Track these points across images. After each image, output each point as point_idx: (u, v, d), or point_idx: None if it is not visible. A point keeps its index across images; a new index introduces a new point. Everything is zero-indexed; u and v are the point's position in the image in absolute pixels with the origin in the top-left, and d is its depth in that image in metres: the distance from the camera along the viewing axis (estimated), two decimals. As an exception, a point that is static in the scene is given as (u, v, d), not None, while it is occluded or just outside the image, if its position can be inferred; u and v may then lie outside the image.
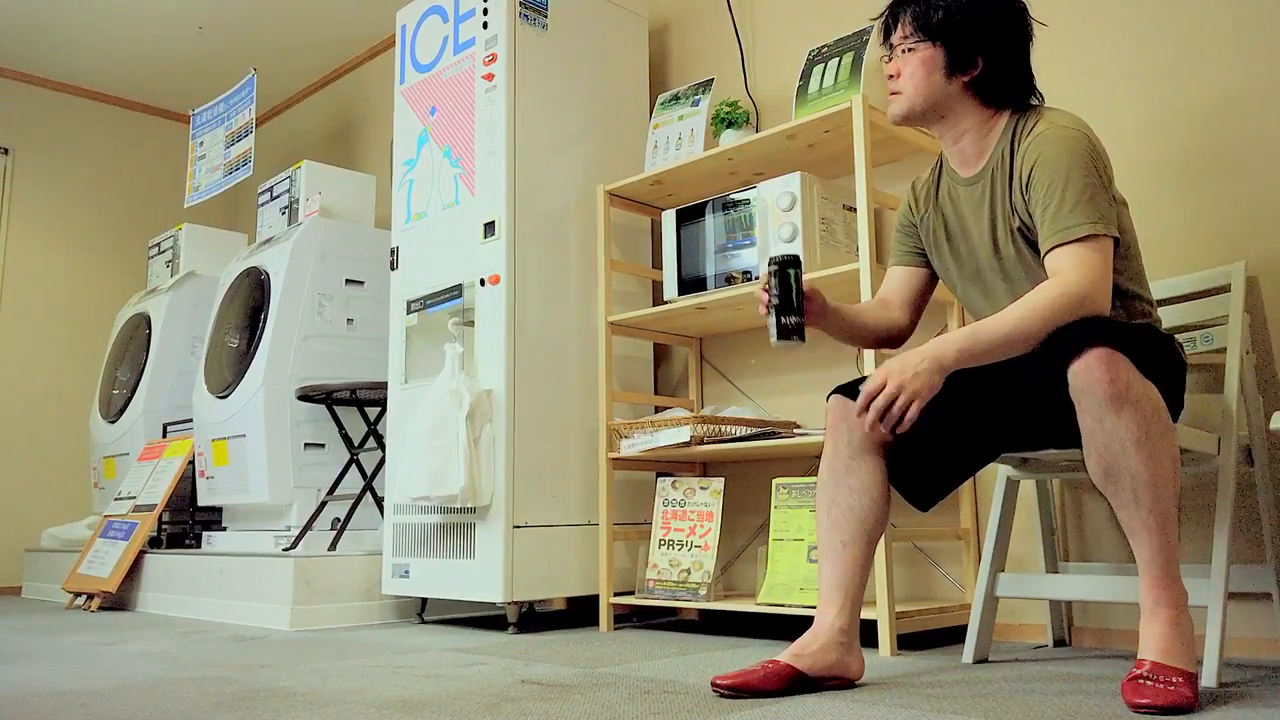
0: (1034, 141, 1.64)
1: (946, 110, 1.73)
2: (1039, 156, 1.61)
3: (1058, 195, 1.57)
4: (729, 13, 3.15)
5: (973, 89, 1.71)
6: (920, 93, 1.72)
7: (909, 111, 1.74)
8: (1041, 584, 2.07)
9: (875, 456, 1.73)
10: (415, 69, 3.15)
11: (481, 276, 2.78)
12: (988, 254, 1.74)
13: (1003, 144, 1.71)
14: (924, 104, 1.73)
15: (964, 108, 1.73)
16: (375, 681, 1.85)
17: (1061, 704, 1.50)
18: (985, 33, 1.70)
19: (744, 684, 1.59)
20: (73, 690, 1.80)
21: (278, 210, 3.98)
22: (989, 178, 1.72)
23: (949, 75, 1.71)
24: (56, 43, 4.79)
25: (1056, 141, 1.61)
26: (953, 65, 1.70)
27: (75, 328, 5.17)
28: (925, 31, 1.70)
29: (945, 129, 1.76)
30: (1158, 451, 1.43)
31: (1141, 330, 1.63)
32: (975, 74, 1.70)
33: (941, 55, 1.70)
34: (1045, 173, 1.60)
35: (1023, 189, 1.64)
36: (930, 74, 1.71)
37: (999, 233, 1.71)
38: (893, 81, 1.76)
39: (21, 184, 5.13)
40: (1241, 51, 2.11)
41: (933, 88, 1.71)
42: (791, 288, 1.69)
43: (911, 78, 1.72)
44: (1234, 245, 2.08)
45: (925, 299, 1.93)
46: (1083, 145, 1.60)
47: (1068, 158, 1.58)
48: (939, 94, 1.72)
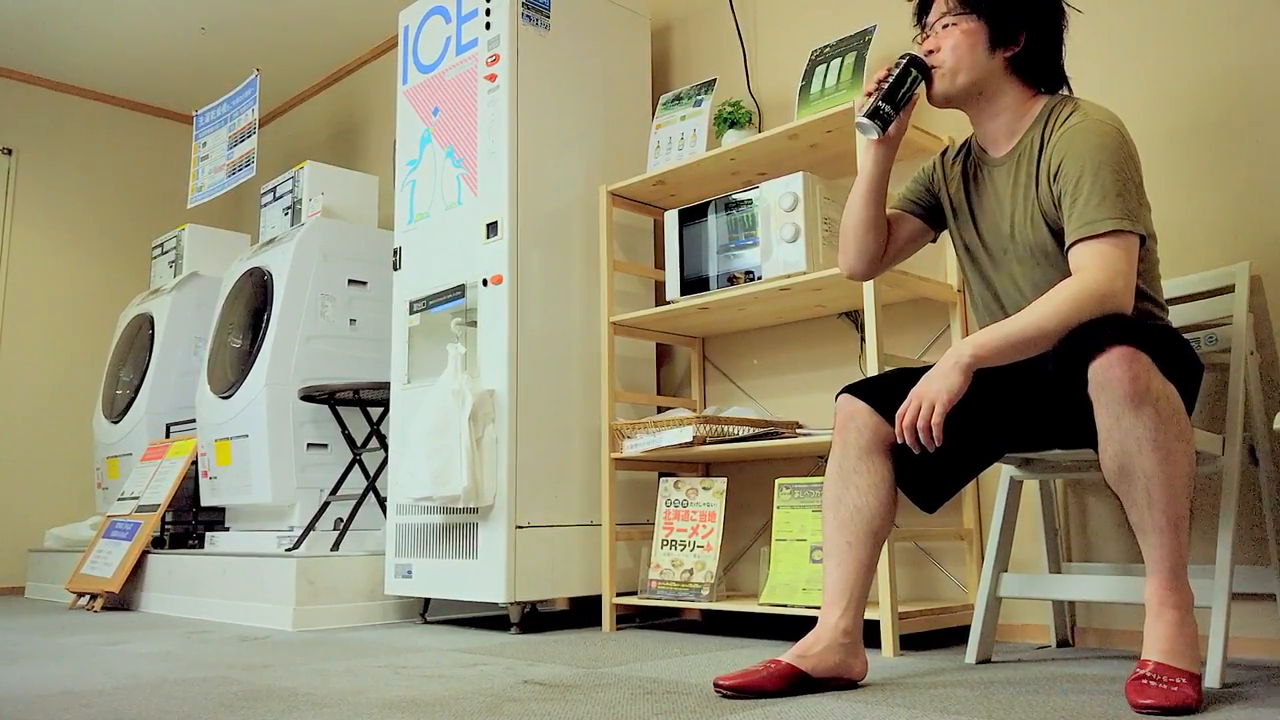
0: (1067, 132, 1.62)
1: (986, 86, 1.71)
2: (1070, 147, 1.60)
3: (1086, 188, 1.56)
4: (731, 13, 3.15)
5: (1013, 66, 1.70)
6: (963, 66, 1.69)
7: (950, 86, 1.70)
8: (1045, 584, 2.07)
9: (883, 457, 1.73)
10: (418, 69, 3.15)
11: (484, 277, 2.78)
12: (1005, 236, 1.73)
13: (1035, 130, 1.69)
14: (966, 78, 1.70)
15: (1004, 85, 1.71)
16: (378, 682, 1.85)
17: (1065, 704, 1.50)
18: (1027, 7, 1.69)
19: (747, 684, 1.59)
20: (76, 690, 1.80)
21: (280, 211, 3.99)
22: (1015, 161, 1.71)
23: (992, 50, 1.69)
24: (60, 44, 4.80)
25: (1090, 134, 1.59)
26: (996, 39, 1.68)
27: (78, 328, 5.17)
28: (967, 4, 1.68)
29: (982, 107, 1.74)
30: (1174, 453, 1.42)
31: (1162, 330, 1.61)
32: (1017, 50, 1.69)
33: (984, 29, 1.68)
34: (1075, 165, 1.58)
35: (1050, 178, 1.63)
36: (974, 47, 1.68)
37: (1018, 216, 1.70)
38: (931, 58, 1.72)
39: (25, 184, 5.14)
40: (1249, 53, 2.11)
41: (976, 61, 1.69)
42: (904, 85, 1.70)
43: (954, 50, 1.69)
44: (1238, 245, 2.07)
45: (906, 248, 1.92)
46: (1116, 140, 1.59)
47: (1100, 152, 1.57)
48: (981, 69, 1.69)
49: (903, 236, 1.92)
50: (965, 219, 1.82)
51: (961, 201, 1.83)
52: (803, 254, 2.38)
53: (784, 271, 2.42)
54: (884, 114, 1.71)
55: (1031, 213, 1.68)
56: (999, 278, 1.77)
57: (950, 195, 1.85)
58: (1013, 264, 1.73)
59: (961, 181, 1.83)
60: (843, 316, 2.76)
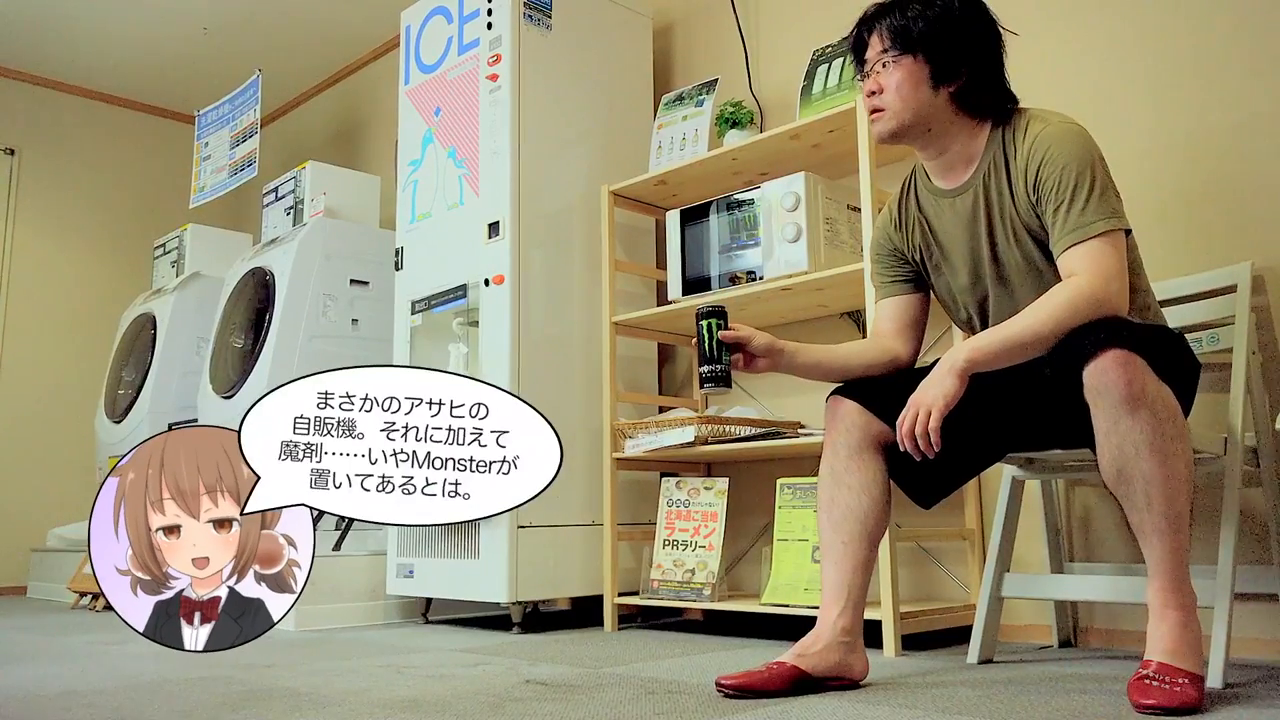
0: (1037, 141, 1.61)
1: (934, 122, 1.69)
2: (1046, 154, 1.59)
3: (1069, 193, 1.56)
4: (733, 13, 3.15)
5: (957, 100, 1.68)
6: (909, 106, 1.67)
7: (898, 127, 1.69)
8: (1047, 584, 2.07)
9: (875, 455, 1.73)
10: (420, 69, 3.15)
11: (486, 277, 2.79)
12: (985, 263, 1.71)
13: (992, 149, 1.69)
14: (912, 118, 1.68)
15: (950, 120, 1.69)
16: (380, 682, 1.85)
17: (1067, 704, 1.50)
18: (966, 42, 1.67)
19: (748, 684, 1.59)
20: (78, 690, 1.80)
21: (283, 211, 3.99)
22: (980, 184, 1.70)
23: (935, 87, 1.67)
24: (62, 44, 4.81)
25: (1063, 140, 1.59)
26: (938, 77, 1.67)
27: (81, 328, 5.18)
28: (906, 44, 1.66)
29: (930, 142, 1.72)
30: (1172, 454, 1.42)
31: (1156, 331, 1.61)
32: (960, 84, 1.67)
33: (925, 67, 1.67)
34: (1053, 171, 1.58)
35: (1028, 188, 1.62)
36: (917, 87, 1.66)
37: (998, 238, 1.69)
38: (874, 98, 1.70)
39: (28, 184, 5.14)
40: (1250, 50, 2.11)
41: (920, 101, 1.67)
42: (706, 339, 1.69)
43: (897, 91, 1.67)
44: (1240, 245, 2.07)
45: (920, 323, 1.88)
46: (1086, 141, 1.60)
47: (1075, 156, 1.57)
48: (926, 107, 1.67)
49: (909, 316, 1.86)
50: (939, 261, 1.79)
51: (931, 245, 1.80)
52: (804, 254, 2.38)
53: (786, 271, 2.42)
54: (714, 375, 1.69)
55: (1013, 228, 1.66)
56: (988, 304, 1.75)
57: (920, 247, 1.82)
58: (999, 290, 1.72)
59: (922, 230, 1.80)
60: (845, 316, 2.76)
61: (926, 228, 1.80)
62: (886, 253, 1.88)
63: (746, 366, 1.74)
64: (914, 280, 1.86)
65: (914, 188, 1.83)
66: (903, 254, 1.85)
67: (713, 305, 1.71)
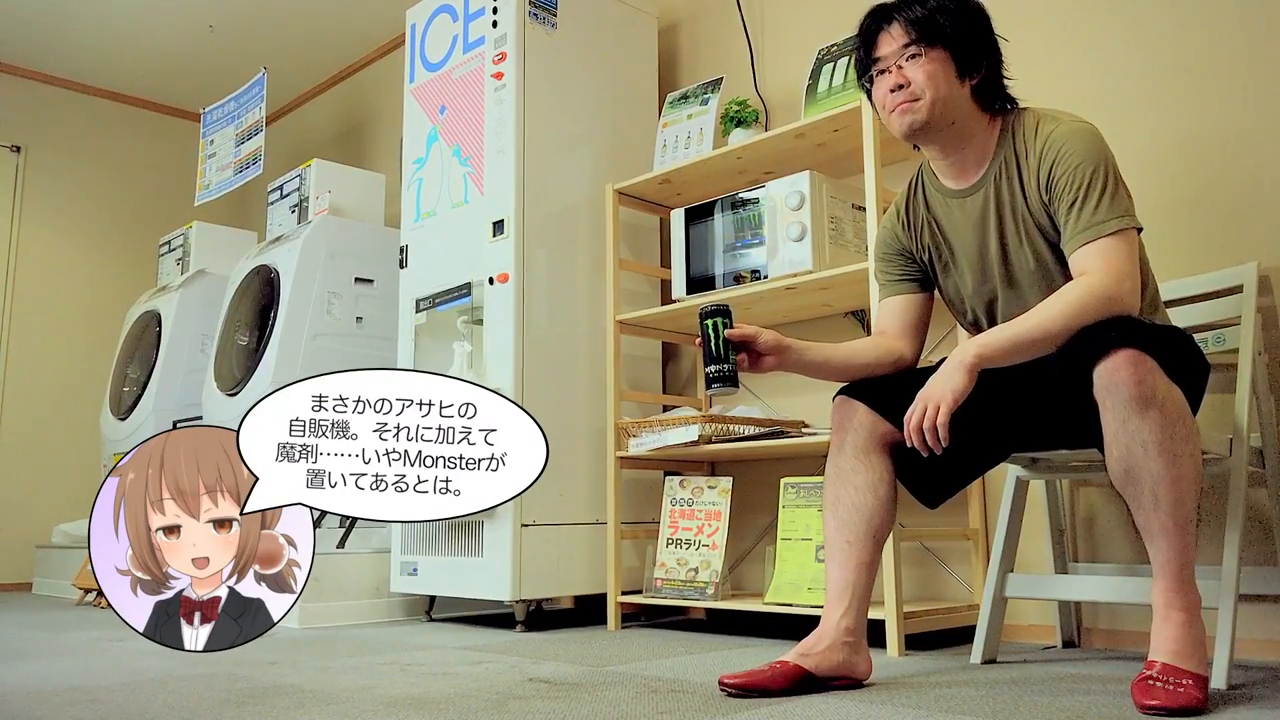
0: (1050, 141, 1.61)
1: (958, 115, 1.68)
2: (1060, 153, 1.59)
3: (1083, 192, 1.56)
4: (738, 12, 3.14)
5: (977, 95, 1.68)
6: (941, 95, 1.64)
7: (930, 117, 1.65)
8: (1051, 585, 2.06)
9: (881, 455, 1.72)
10: (425, 68, 3.15)
11: (490, 275, 2.79)
12: (995, 264, 1.71)
13: (1003, 150, 1.68)
14: (943, 108, 1.66)
15: (970, 114, 1.69)
16: (383, 679, 1.85)
17: (1070, 705, 1.49)
18: (983, 35, 1.68)
19: (752, 683, 1.59)
20: (82, 686, 1.80)
21: (287, 208, 4.00)
22: (991, 184, 1.69)
23: (961, 80, 1.67)
24: (68, 42, 4.82)
25: (1076, 138, 1.59)
26: (962, 69, 1.66)
27: (86, 325, 5.19)
28: (933, 36, 1.65)
29: (951, 137, 1.70)
30: (1180, 455, 1.42)
31: (1167, 331, 1.61)
32: (980, 78, 1.68)
33: (951, 59, 1.66)
34: (1067, 169, 1.58)
35: (1041, 187, 1.62)
36: (948, 76, 1.65)
37: (1009, 238, 1.68)
38: (903, 91, 1.66)
39: (34, 182, 5.15)
40: (1256, 50, 2.10)
41: (951, 92, 1.65)
42: (711, 338, 1.67)
43: (930, 80, 1.64)
44: (1246, 245, 2.06)
45: (924, 323, 1.87)
46: (1100, 141, 1.60)
47: (1091, 155, 1.57)
48: (956, 99, 1.66)
49: (913, 316, 1.85)
50: (947, 261, 1.79)
51: (941, 246, 1.79)
52: (809, 253, 2.38)
53: (790, 270, 2.42)
54: (721, 375, 1.67)
55: (1024, 228, 1.66)
56: (996, 306, 1.75)
57: (929, 248, 1.81)
58: (1008, 291, 1.71)
59: (931, 230, 1.80)
60: (849, 315, 2.76)
61: (936, 228, 1.79)
62: (894, 252, 1.87)
63: (753, 366, 1.72)
64: (920, 280, 1.86)
65: (922, 188, 1.82)
66: (910, 254, 1.85)
67: (717, 304, 1.70)
